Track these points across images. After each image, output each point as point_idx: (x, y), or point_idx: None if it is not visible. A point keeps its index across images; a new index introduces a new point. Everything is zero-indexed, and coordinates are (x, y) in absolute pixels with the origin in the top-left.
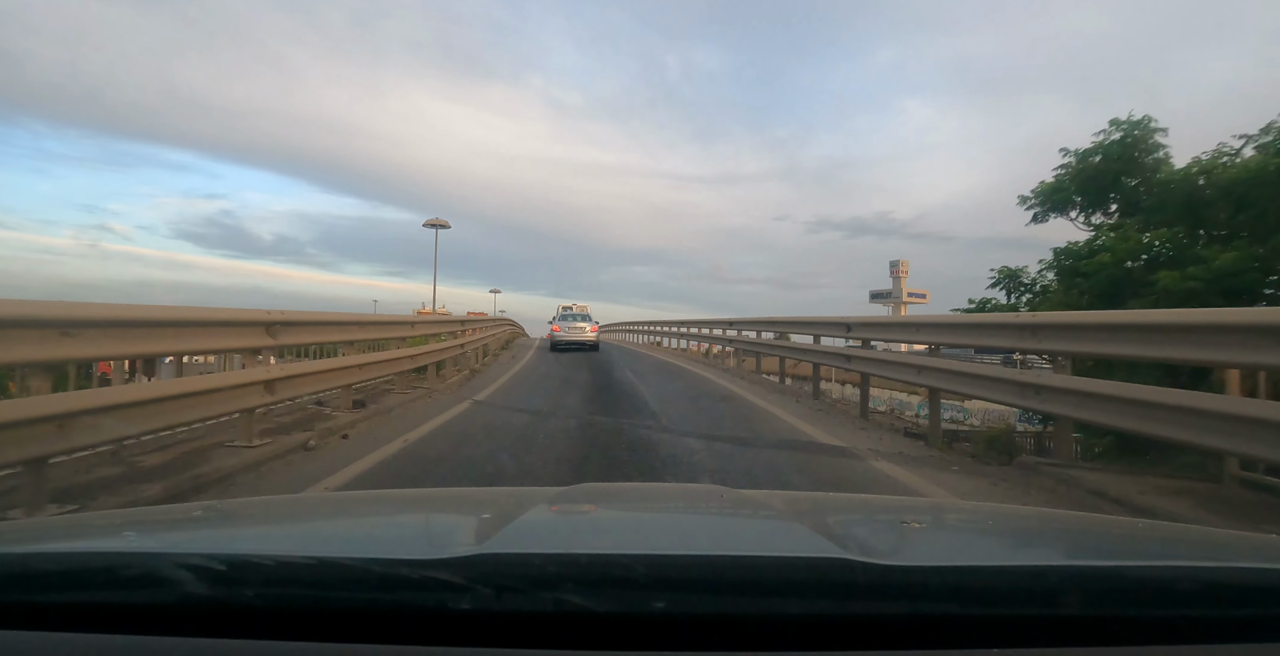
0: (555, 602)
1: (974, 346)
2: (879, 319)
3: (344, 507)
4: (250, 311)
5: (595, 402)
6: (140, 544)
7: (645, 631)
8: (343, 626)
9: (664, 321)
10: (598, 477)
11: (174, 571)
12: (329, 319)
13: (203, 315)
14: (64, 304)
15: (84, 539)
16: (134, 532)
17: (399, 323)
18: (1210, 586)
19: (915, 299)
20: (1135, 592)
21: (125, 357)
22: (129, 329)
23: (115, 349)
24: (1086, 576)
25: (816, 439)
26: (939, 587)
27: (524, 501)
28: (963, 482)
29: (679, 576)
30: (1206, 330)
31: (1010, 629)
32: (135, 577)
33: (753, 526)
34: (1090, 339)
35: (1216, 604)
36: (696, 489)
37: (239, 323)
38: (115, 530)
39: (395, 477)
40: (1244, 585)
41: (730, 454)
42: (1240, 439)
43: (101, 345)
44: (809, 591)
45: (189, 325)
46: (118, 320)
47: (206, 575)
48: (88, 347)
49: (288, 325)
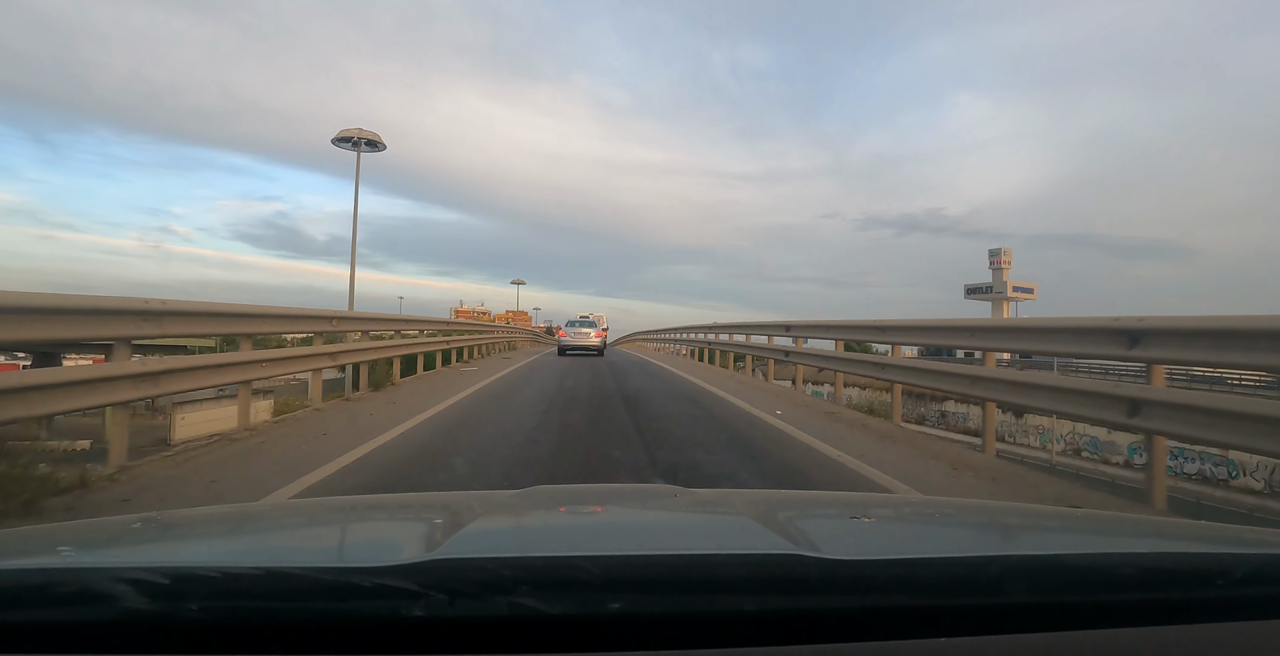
0: (510, 607)
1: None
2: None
3: (291, 516)
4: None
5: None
6: (76, 559)
7: (602, 633)
8: (293, 638)
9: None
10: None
11: (112, 586)
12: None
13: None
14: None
15: (15, 555)
16: (69, 547)
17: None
18: (1147, 571)
19: (1021, 294)
20: (1077, 579)
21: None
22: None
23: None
24: (1030, 565)
25: None
26: (889, 580)
27: (477, 505)
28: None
29: (634, 576)
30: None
31: (959, 617)
32: (71, 594)
33: (707, 524)
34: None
35: (1155, 587)
36: (651, 489)
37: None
38: (49, 544)
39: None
40: (1179, 569)
41: None
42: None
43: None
44: (763, 587)
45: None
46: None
47: (147, 589)
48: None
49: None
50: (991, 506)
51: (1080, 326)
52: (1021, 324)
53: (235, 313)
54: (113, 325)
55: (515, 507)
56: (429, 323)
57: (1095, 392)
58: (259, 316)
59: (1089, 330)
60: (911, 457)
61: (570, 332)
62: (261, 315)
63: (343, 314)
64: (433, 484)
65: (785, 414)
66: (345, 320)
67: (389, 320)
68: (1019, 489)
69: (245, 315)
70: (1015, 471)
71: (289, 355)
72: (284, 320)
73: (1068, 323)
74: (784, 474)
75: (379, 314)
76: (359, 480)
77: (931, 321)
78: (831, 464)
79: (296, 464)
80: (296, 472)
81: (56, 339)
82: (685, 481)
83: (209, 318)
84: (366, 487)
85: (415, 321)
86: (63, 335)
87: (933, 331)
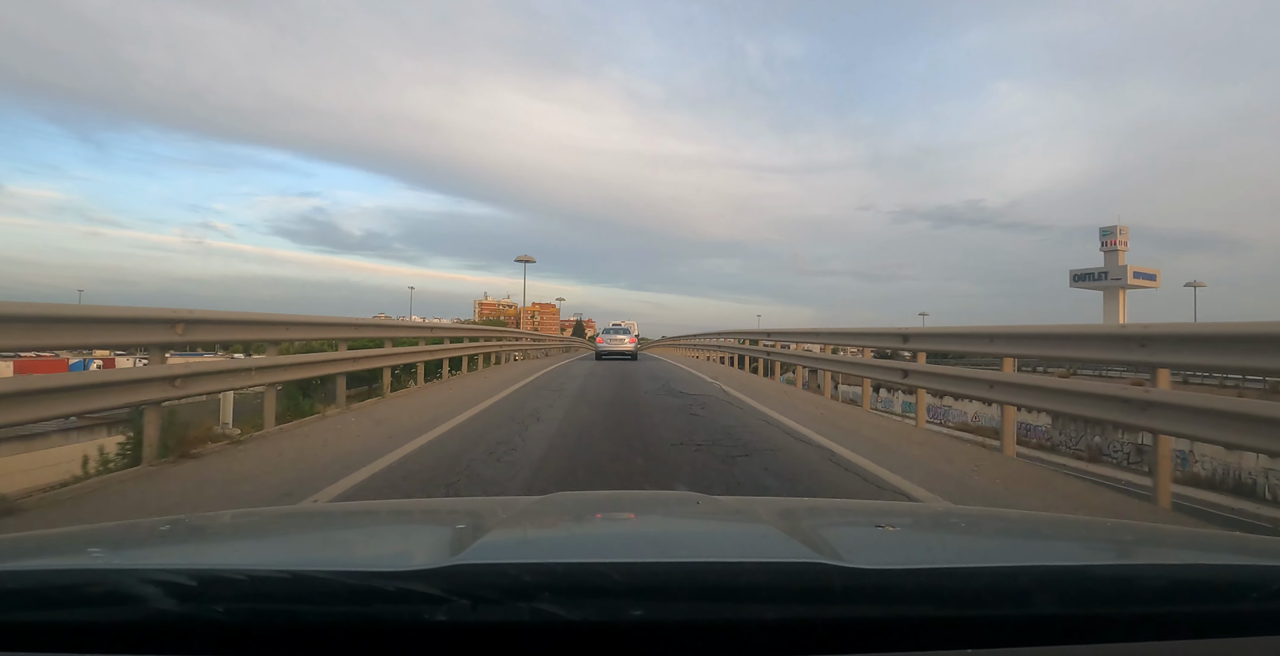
0: (532, 612)
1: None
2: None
3: (316, 520)
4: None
5: None
6: (105, 560)
7: (624, 640)
8: (316, 641)
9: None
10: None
11: (141, 588)
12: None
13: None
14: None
15: (47, 556)
16: (99, 549)
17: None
18: (1179, 583)
19: (1143, 281)
20: (1106, 590)
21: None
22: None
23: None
24: (1057, 576)
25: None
26: (914, 590)
27: (500, 511)
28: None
29: (656, 584)
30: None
31: (985, 629)
32: (102, 595)
33: (729, 532)
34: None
35: (1186, 599)
36: (673, 496)
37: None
38: (80, 547)
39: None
40: (1212, 581)
41: None
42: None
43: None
44: (786, 596)
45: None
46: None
47: (175, 591)
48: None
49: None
50: (1015, 515)
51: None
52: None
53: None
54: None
55: (537, 514)
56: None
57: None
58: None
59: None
60: None
61: (607, 339)
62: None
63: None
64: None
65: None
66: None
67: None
68: None
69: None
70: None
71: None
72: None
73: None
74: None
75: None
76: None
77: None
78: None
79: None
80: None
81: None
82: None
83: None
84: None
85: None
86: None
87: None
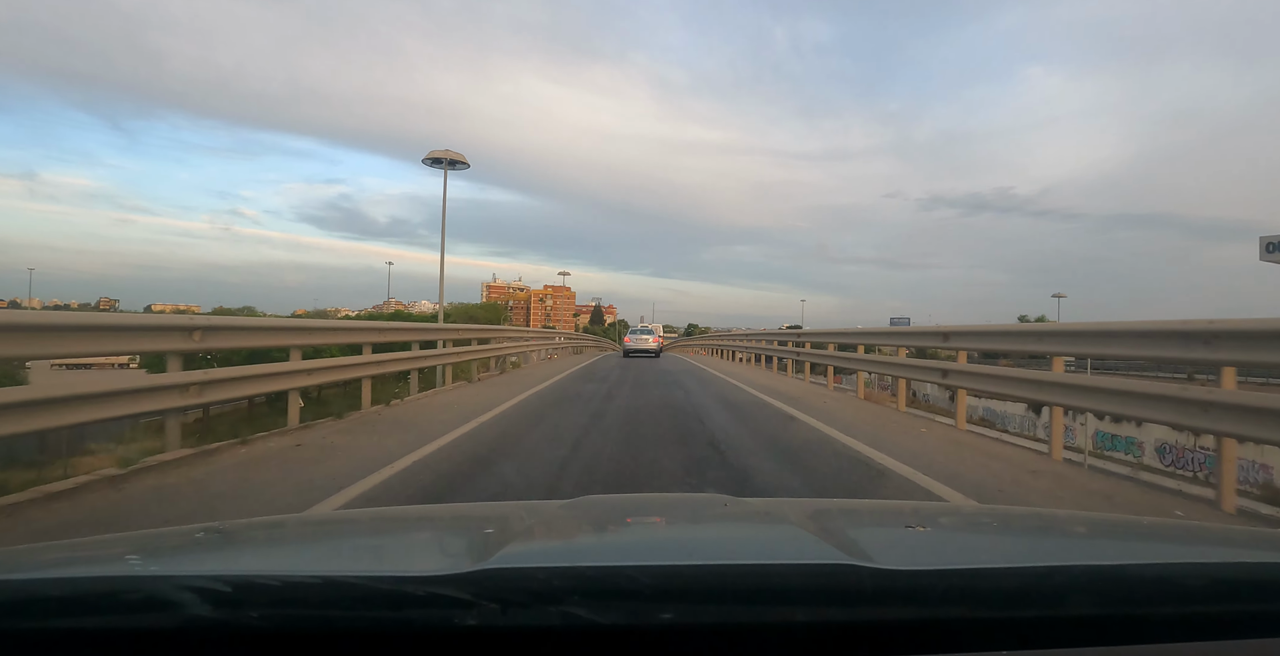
0: (562, 616)
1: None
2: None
3: (347, 526)
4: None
5: None
6: (143, 567)
7: (653, 643)
8: (348, 646)
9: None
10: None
11: (178, 594)
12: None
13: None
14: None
15: (85, 564)
16: (136, 556)
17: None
18: (1218, 582)
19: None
20: (1143, 590)
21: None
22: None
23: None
24: (1093, 576)
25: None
26: (946, 591)
27: (528, 515)
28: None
29: (685, 586)
30: None
31: (1020, 630)
32: (139, 601)
33: (759, 534)
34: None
35: (1225, 599)
36: (701, 498)
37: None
38: (116, 554)
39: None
40: (1251, 580)
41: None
42: None
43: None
44: (816, 598)
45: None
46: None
47: (211, 597)
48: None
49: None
50: (1048, 514)
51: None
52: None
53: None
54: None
55: (565, 518)
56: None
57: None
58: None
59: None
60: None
61: (633, 339)
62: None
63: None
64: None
65: None
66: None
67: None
68: None
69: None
70: None
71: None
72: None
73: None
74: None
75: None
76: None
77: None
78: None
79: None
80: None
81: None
82: None
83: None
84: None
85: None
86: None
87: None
